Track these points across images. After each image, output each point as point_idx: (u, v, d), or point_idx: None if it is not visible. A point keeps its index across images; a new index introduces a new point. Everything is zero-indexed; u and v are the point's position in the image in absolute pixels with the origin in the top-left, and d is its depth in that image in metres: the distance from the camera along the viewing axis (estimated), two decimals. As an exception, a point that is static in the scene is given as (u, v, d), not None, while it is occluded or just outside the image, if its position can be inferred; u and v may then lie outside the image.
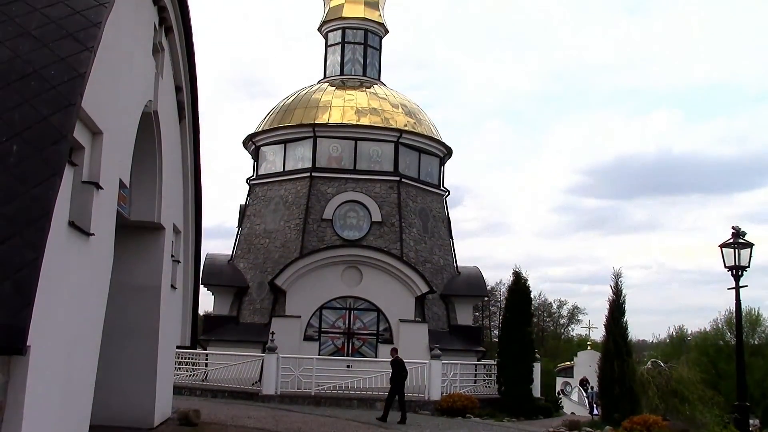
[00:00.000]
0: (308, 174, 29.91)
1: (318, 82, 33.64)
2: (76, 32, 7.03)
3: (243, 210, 32.12)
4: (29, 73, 6.60)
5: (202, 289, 26.41)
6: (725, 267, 16.58)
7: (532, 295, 28.53)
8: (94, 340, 8.91)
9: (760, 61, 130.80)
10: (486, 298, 54.21)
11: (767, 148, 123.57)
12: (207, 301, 46.96)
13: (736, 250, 16.38)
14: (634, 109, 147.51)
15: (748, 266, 16.50)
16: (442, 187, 33.03)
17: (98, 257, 8.64)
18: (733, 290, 16.58)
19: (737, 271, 16.42)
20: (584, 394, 40.97)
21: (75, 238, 7.50)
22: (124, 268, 12.14)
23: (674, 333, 66.36)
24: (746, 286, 16.63)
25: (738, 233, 16.50)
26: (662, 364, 23.61)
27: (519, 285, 25.27)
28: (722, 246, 16.66)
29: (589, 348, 51.50)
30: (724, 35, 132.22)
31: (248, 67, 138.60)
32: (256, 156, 32.49)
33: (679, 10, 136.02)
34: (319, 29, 34.85)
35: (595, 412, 29.34)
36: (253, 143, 32.31)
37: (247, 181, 32.63)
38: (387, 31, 34.90)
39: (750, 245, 16.53)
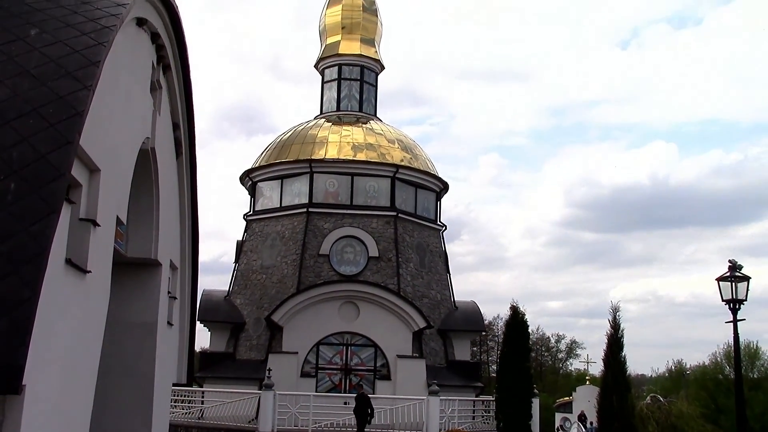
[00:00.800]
0: (305, 209, 29.97)
1: (315, 118, 33.85)
2: (75, 71, 7.10)
3: (240, 246, 32.10)
4: (28, 112, 6.65)
5: (199, 326, 26.30)
6: (722, 300, 16.56)
7: (530, 330, 28.45)
8: (90, 378, 8.85)
9: (752, 95, 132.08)
10: (483, 333, 53.97)
11: (761, 182, 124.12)
12: (203, 338, 46.75)
13: (733, 284, 16.36)
14: (629, 143, 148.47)
15: (746, 300, 16.48)
16: (438, 222, 33.10)
17: (95, 294, 8.62)
18: (731, 324, 16.54)
19: (735, 304, 16.40)
20: (583, 430, 40.65)
21: (72, 276, 7.50)
22: (120, 305, 12.09)
23: (673, 367, 66.10)
24: (744, 319, 16.58)
25: (734, 266, 16.51)
26: (661, 398, 23.53)
27: (516, 319, 25.21)
28: (719, 279, 16.65)
29: (587, 383, 51.13)
30: (716, 69, 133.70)
31: (246, 103, 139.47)
32: (253, 192, 32.58)
33: (671, 45, 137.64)
34: (316, 66, 35.17)
35: (595, 447, 29.08)
36: (250, 179, 32.41)
37: (244, 217, 32.67)
38: (383, 68, 35.23)
39: (747, 279, 16.52)
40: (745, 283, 16.53)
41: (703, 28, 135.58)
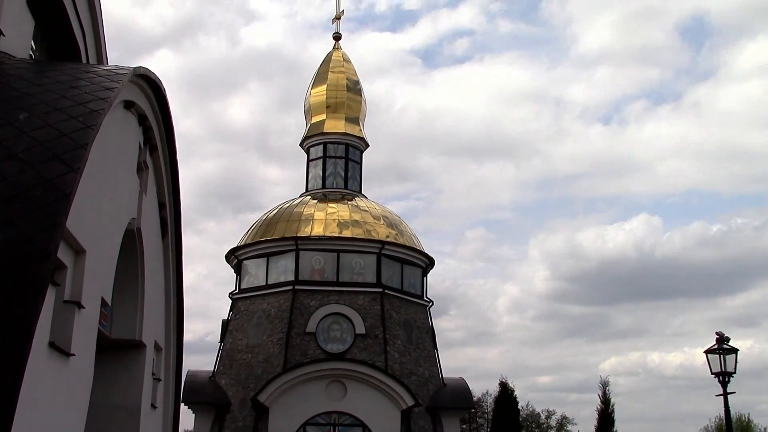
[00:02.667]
0: (291, 287, 29.81)
1: (300, 196, 34.05)
2: (63, 154, 7.18)
3: (225, 325, 31.77)
4: (15, 195, 6.69)
5: (183, 407, 25.78)
6: (712, 373, 16.50)
7: (519, 406, 28.09)
8: (71, 464, 8.65)
9: (731, 166, 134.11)
10: (473, 410, 53.17)
11: (745, 252, 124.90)
12: (187, 420, 45.66)
13: (722, 356, 16.32)
14: (614, 216, 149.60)
15: (735, 372, 16.41)
16: (425, 298, 32.97)
17: (78, 378, 8.50)
18: (722, 397, 16.43)
19: (724, 377, 16.32)
20: None
21: (55, 359, 7.41)
22: (103, 387, 11.91)
23: (666, 442, 65.14)
24: (734, 392, 16.49)
25: (722, 339, 16.49)
26: (655, 475, 23.11)
27: (506, 395, 24.94)
28: (707, 352, 16.63)
29: (580, 460, 50.28)
30: (694, 142, 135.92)
31: (232, 181, 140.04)
32: (238, 270, 32.45)
33: (651, 119, 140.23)
34: (301, 144, 35.58)
35: None
36: (235, 257, 32.33)
37: (229, 296, 32.44)
38: (367, 145, 35.68)
39: (734, 351, 16.49)
40: (734, 355, 16.49)
41: (681, 103, 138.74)
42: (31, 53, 11.68)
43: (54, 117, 7.69)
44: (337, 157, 34.51)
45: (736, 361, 16.47)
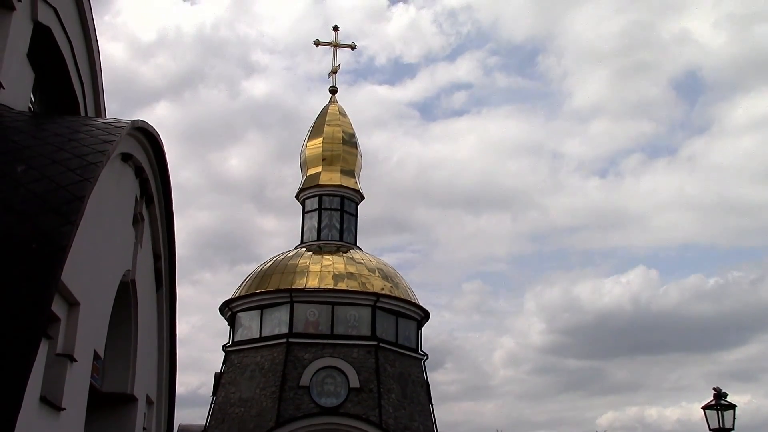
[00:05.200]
0: (285, 340, 29.58)
1: (295, 248, 34.01)
2: (60, 206, 7.19)
3: (218, 378, 31.42)
4: (10, 248, 6.67)
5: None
6: (710, 430, 16.33)
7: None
8: None
9: (725, 220, 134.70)
10: (468, 466, 52.36)
11: (742, 306, 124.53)
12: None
13: (719, 413, 16.18)
14: (611, 269, 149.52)
15: (733, 428, 16.25)
16: (420, 351, 32.73)
17: (68, 433, 8.37)
18: (721, 454, 16.22)
19: (722, 434, 16.14)
20: None
21: (45, 414, 7.31)
22: (93, 443, 11.70)
23: (664, 500, 64.05)
24: (734, 449, 16.28)
25: (719, 394, 16.36)
26: None
27: (502, 452, 24.53)
28: (704, 408, 16.48)
29: None
30: (690, 195, 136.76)
31: (230, 232, 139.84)
32: (232, 322, 32.23)
33: (647, 172, 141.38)
34: (297, 196, 35.69)
35: None
36: (229, 309, 32.14)
37: (222, 348, 32.16)
38: (363, 197, 35.80)
39: (732, 407, 16.35)
40: (731, 411, 16.34)
41: (677, 156, 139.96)
42: (31, 106, 11.78)
43: (52, 169, 7.72)
44: (332, 210, 34.59)
45: (734, 417, 16.32)
